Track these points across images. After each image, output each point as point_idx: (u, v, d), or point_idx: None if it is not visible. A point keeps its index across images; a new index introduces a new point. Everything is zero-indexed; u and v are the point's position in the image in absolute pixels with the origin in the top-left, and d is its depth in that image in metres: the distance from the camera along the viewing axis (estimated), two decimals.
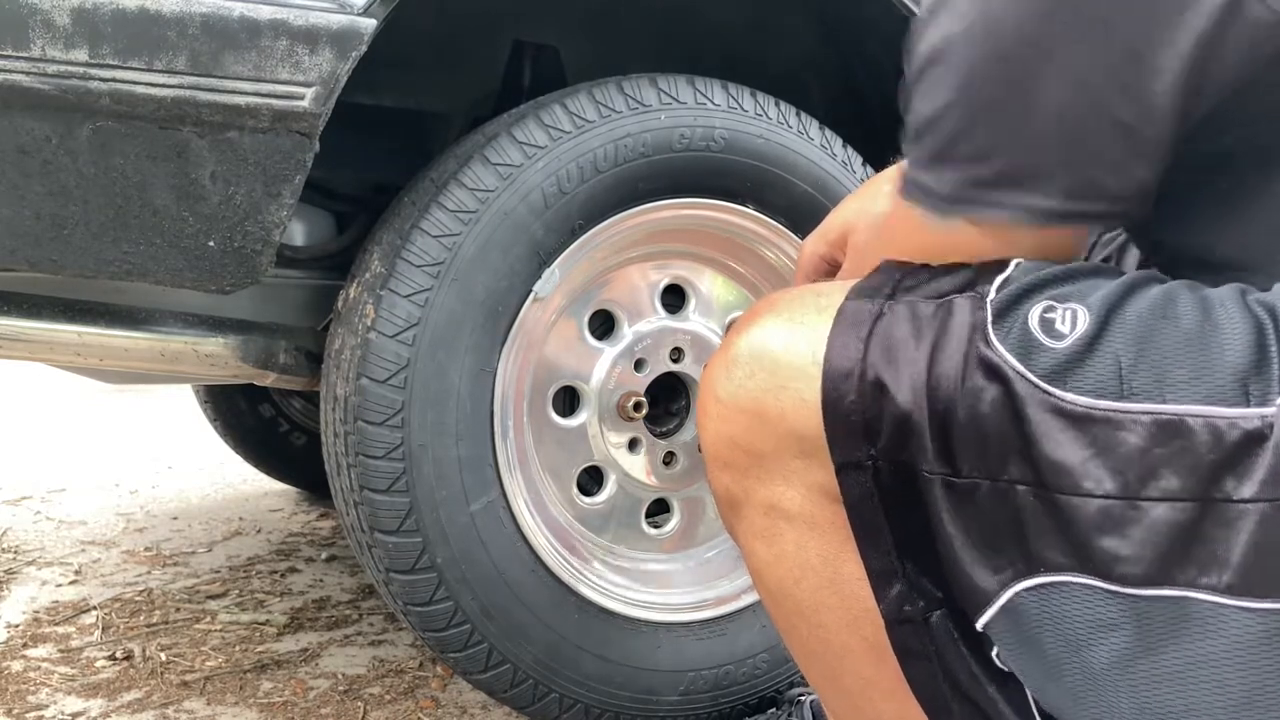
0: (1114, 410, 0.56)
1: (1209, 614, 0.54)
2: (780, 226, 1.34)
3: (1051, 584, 0.58)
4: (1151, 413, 0.55)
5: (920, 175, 0.66)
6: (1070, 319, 0.59)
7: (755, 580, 0.75)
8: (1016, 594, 0.59)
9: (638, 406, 1.29)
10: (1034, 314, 0.60)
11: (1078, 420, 0.56)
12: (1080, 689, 0.59)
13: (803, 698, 1.22)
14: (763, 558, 0.72)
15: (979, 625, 0.61)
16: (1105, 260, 0.88)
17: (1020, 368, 0.58)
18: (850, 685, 0.72)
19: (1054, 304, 0.60)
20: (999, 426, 0.59)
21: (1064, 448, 0.57)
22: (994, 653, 0.64)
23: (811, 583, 0.70)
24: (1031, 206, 0.62)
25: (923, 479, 0.62)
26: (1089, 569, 0.57)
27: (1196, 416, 0.54)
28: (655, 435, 1.34)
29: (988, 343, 0.60)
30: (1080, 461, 0.56)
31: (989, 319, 0.61)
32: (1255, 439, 0.53)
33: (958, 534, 0.61)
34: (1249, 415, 0.54)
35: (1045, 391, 0.57)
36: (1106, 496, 0.55)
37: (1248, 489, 0.53)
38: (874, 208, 0.84)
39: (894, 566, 0.65)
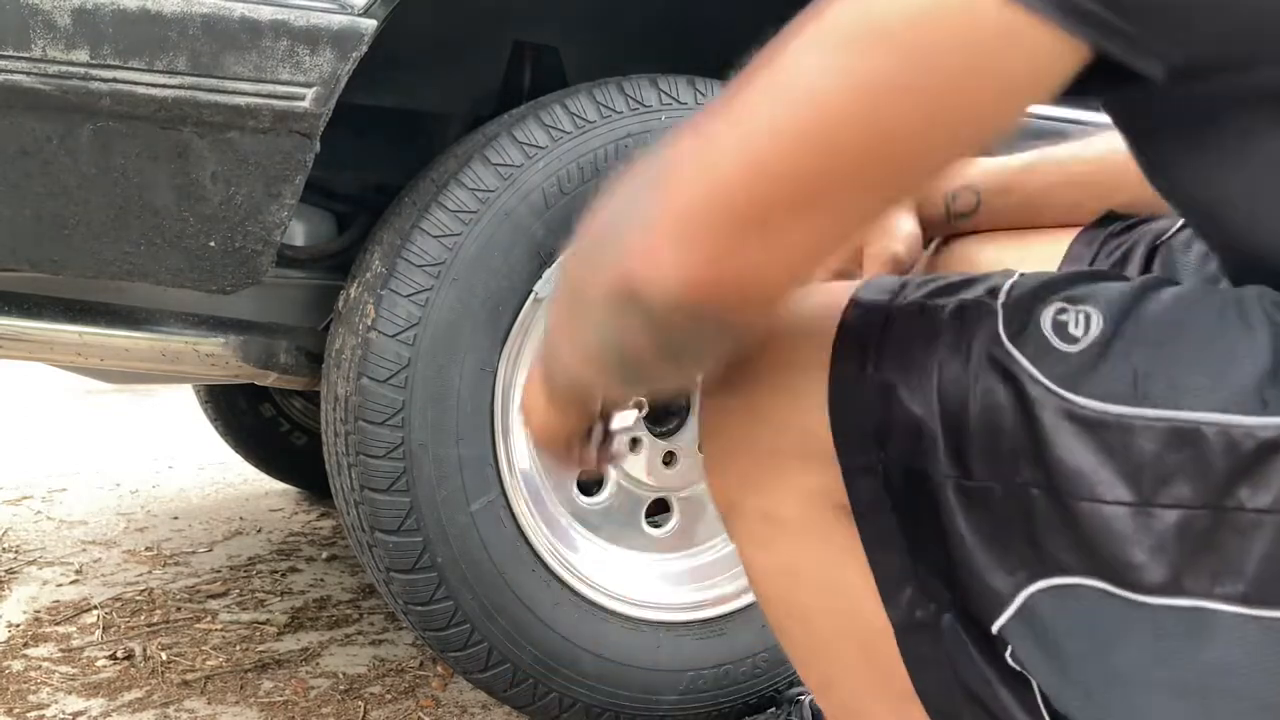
0: (1127, 416, 0.55)
1: (1224, 624, 0.53)
2: None
3: (1066, 585, 0.57)
4: (1166, 419, 0.54)
5: None
6: (1084, 322, 0.57)
7: (752, 585, 0.74)
8: (1031, 595, 0.58)
9: (638, 406, 1.29)
10: (1047, 316, 0.58)
11: (1091, 425, 0.55)
12: (1097, 691, 0.58)
13: (802, 697, 1.22)
14: (759, 564, 0.71)
15: (995, 628, 0.60)
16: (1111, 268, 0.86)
17: (1033, 371, 0.57)
18: (844, 691, 0.72)
19: (1066, 306, 0.58)
20: (1012, 429, 0.57)
21: (1076, 453, 0.55)
22: (1008, 653, 0.63)
23: (807, 589, 0.69)
24: None
25: (934, 482, 0.60)
26: (1103, 574, 0.56)
27: (1211, 424, 0.53)
28: (655, 435, 1.34)
29: (999, 345, 0.58)
30: (1093, 467, 0.55)
31: (1000, 321, 0.59)
32: (1271, 448, 0.52)
33: (970, 536, 0.60)
34: (1266, 424, 0.52)
35: (1059, 395, 0.56)
36: (1119, 503, 0.54)
37: (1264, 498, 0.52)
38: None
39: (906, 571, 0.64)
